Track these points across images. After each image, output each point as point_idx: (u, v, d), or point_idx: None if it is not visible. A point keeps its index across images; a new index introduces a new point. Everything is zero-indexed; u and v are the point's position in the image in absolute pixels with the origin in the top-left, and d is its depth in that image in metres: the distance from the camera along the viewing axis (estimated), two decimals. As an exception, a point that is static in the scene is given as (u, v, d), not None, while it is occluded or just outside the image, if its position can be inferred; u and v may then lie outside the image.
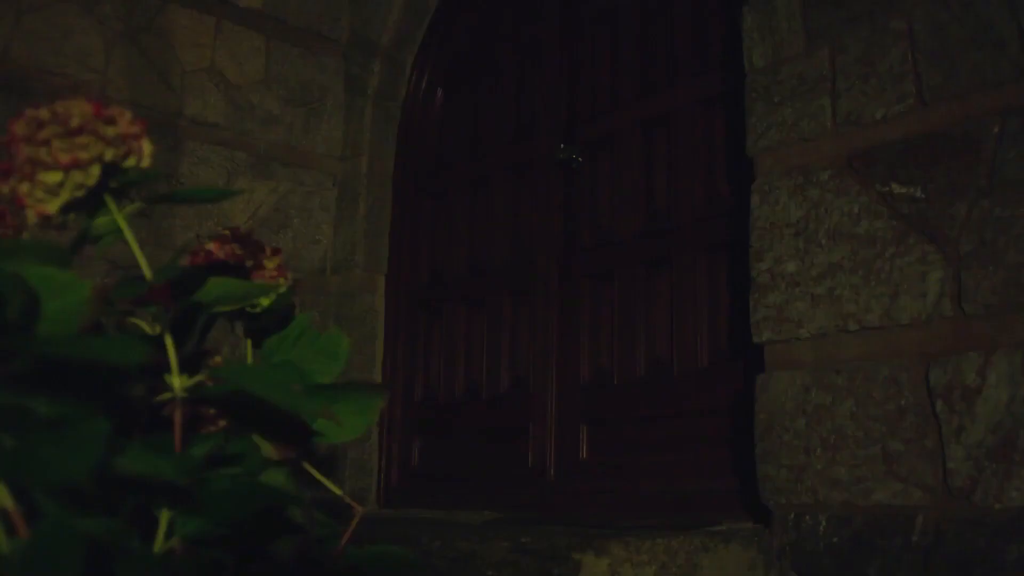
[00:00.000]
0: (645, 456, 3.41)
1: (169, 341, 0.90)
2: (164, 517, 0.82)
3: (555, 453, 3.79)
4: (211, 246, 1.05)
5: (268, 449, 0.99)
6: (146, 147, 0.93)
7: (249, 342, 1.13)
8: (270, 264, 1.09)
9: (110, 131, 0.91)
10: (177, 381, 0.89)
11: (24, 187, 0.90)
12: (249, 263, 1.08)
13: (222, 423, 0.99)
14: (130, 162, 0.93)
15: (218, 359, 1.03)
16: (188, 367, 0.92)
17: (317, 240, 4.59)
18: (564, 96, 4.08)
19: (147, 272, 0.94)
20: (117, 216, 0.96)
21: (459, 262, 4.40)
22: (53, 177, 0.90)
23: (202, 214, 4.06)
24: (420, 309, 4.49)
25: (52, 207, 0.90)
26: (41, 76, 3.75)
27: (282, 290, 1.07)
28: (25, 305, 0.79)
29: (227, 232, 1.07)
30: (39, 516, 0.71)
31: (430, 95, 4.73)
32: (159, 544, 0.81)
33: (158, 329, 0.94)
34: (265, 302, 1.08)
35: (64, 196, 0.91)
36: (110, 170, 0.92)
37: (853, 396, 2.48)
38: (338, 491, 1.09)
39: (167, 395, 0.90)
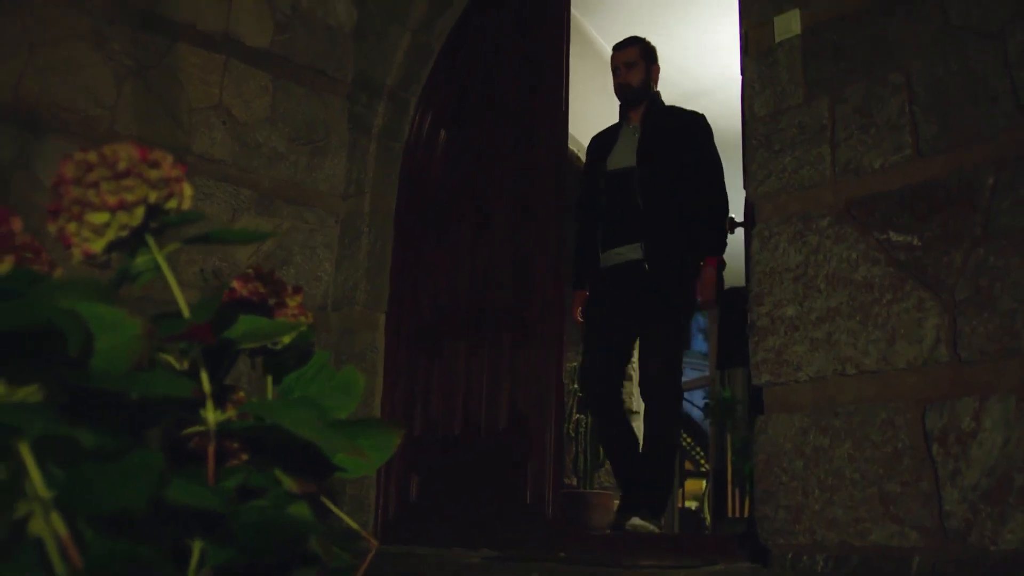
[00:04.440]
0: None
1: (204, 376, 0.93)
2: (196, 547, 0.86)
3: (553, 490, 3.81)
4: (235, 284, 1.09)
5: (288, 483, 1.02)
6: (187, 190, 0.97)
7: (269, 378, 1.16)
8: (292, 302, 1.12)
9: (154, 174, 0.95)
10: (212, 415, 0.93)
11: (72, 227, 0.94)
12: (272, 301, 1.12)
13: (244, 457, 1.03)
14: (171, 204, 0.97)
15: (241, 394, 1.07)
16: (214, 402, 0.95)
17: (319, 277, 4.63)
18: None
19: (184, 310, 0.98)
20: (158, 255, 0.99)
21: (460, 300, 4.44)
22: (100, 218, 0.94)
23: (206, 250, 4.09)
24: (420, 346, 4.53)
25: (97, 246, 0.94)
26: (52, 111, 3.80)
27: (303, 328, 1.11)
28: (83, 341, 0.83)
29: (251, 271, 1.11)
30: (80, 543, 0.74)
31: (433, 134, 4.79)
32: (191, 573, 0.85)
33: (186, 364, 0.98)
34: (286, 339, 1.12)
35: (109, 236, 0.94)
36: (153, 211, 0.96)
37: (851, 438, 2.52)
38: (354, 525, 1.12)
39: (195, 428, 0.94)
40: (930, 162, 2.53)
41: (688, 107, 4.27)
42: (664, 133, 4.08)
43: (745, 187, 3.00)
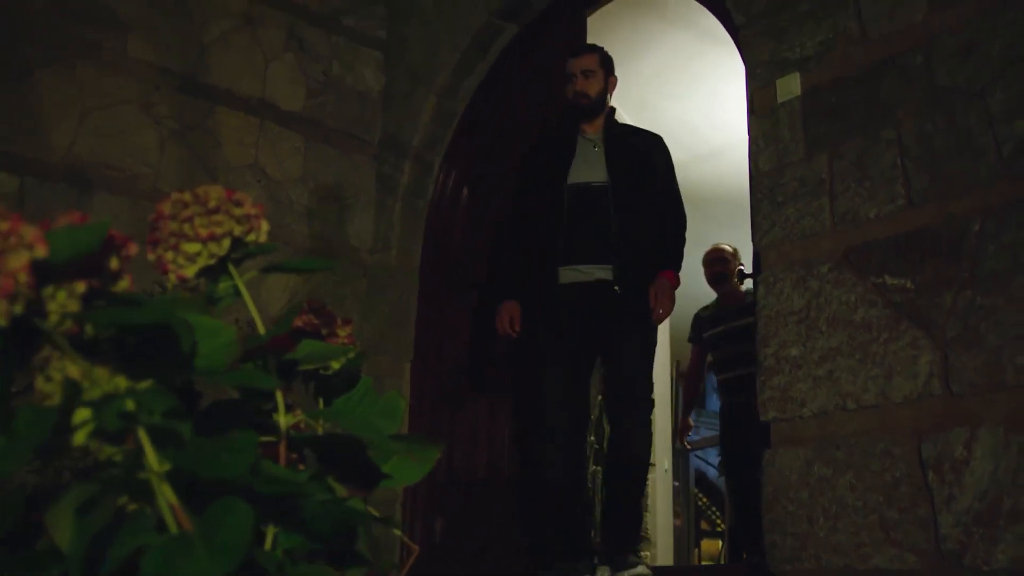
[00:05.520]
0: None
1: (277, 383, 1.12)
2: (270, 531, 1.04)
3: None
4: (293, 317, 1.28)
5: (340, 490, 1.21)
6: (264, 225, 1.18)
7: (321, 400, 1.35)
8: (342, 332, 1.31)
9: (238, 211, 1.15)
10: (283, 419, 1.12)
11: (169, 255, 1.14)
12: (324, 331, 1.31)
13: (301, 467, 1.21)
14: (251, 237, 1.17)
15: (298, 411, 1.26)
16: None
17: (347, 328, 4.82)
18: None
19: (260, 327, 1.18)
20: (238, 281, 1.19)
21: (482, 351, 4.61)
22: (193, 248, 1.14)
23: (241, 302, 4.29)
24: (444, 395, 4.69)
25: (190, 272, 1.14)
26: (100, 170, 4.06)
27: (352, 355, 1.30)
28: (192, 342, 1.03)
29: (305, 304, 1.31)
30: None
31: (456, 193, 5.01)
32: (267, 548, 1.02)
33: (253, 379, 1.16)
34: (336, 365, 1.31)
35: (200, 263, 1.14)
36: (236, 243, 1.16)
37: (852, 469, 2.69)
38: (398, 531, 1.30)
39: (266, 438, 1.12)
40: (921, 211, 2.73)
41: (699, 168, 4.43)
42: (631, 151, 3.88)
43: (752, 238, 3.20)
